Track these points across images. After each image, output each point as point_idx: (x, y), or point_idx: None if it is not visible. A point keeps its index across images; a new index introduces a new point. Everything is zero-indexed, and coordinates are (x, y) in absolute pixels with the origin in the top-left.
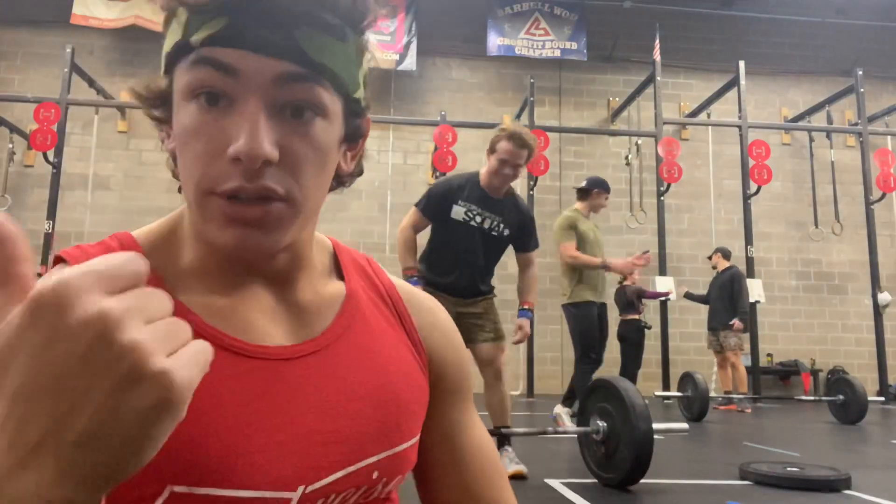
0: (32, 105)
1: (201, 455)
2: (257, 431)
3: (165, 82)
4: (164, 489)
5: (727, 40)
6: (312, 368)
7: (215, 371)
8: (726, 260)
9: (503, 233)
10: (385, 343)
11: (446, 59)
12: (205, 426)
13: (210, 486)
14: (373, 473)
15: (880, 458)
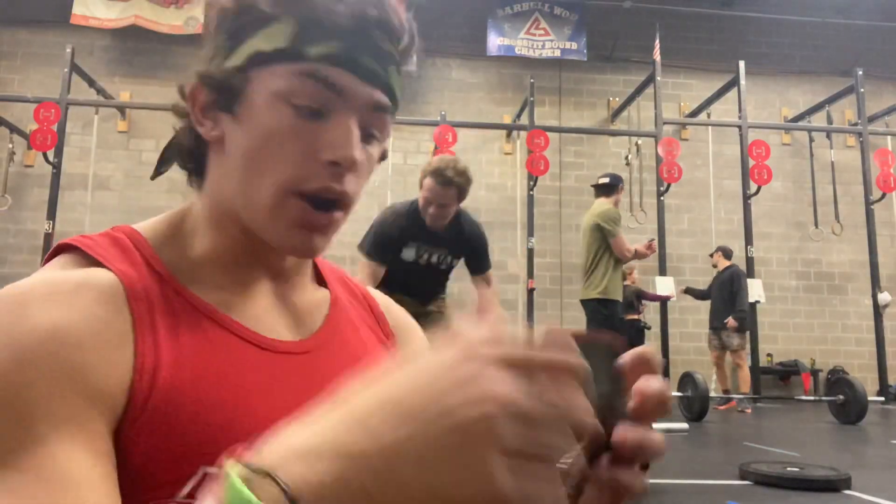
0: (32, 105)
1: (234, 438)
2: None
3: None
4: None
5: (727, 40)
6: (317, 364)
7: (238, 359)
8: (727, 259)
9: (451, 264)
10: (368, 344)
11: (446, 59)
12: (238, 412)
13: None
14: None
15: (880, 458)
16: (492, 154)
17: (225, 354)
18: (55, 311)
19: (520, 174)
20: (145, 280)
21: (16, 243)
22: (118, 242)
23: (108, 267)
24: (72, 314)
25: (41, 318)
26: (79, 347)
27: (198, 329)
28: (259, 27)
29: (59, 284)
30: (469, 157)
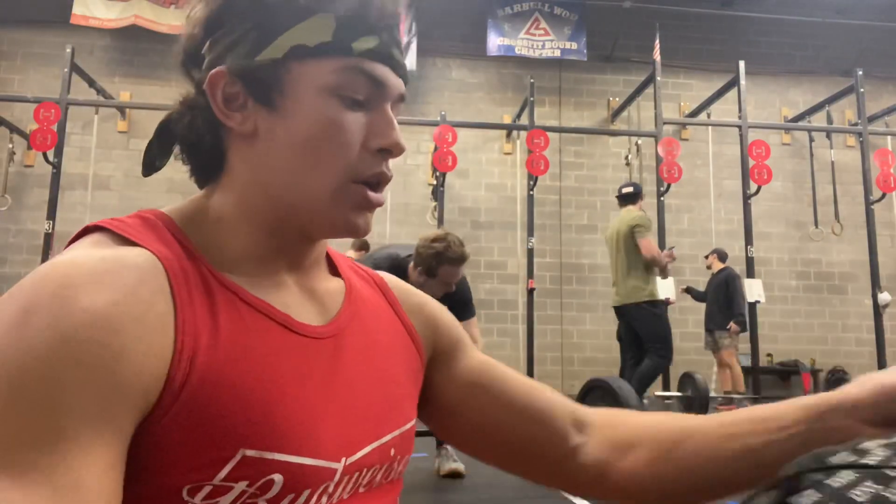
0: (32, 105)
1: (271, 421)
2: (312, 403)
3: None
4: (237, 452)
5: (727, 40)
6: (339, 349)
7: (273, 343)
8: (721, 261)
9: None
10: (385, 329)
11: (446, 59)
12: (273, 394)
13: (277, 452)
14: (391, 450)
15: None
16: (492, 154)
17: (261, 337)
18: (99, 294)
19: (520, 174)
20: (181, 259)
21: (16, 243)
22: (149, 223)
23: (145, 246)
24: (115, 296)
25: (86, 302)
26: (120, 333)
27: (234, 310)
28: (295, 20)
29: (100, 263)
30: (469, 157)
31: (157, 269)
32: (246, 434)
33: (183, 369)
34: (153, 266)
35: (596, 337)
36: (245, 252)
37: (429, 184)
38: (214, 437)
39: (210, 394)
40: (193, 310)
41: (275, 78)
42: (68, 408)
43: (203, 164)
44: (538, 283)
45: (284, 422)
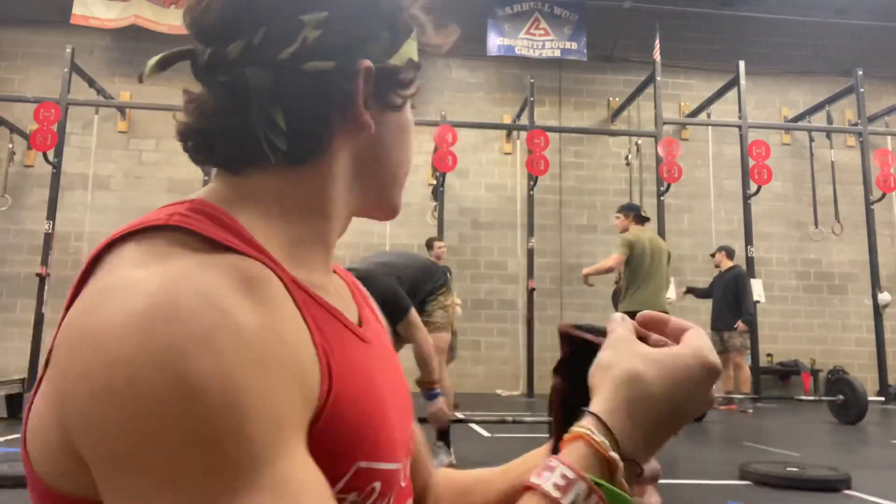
0: (32, 105)
1: (377, 432)
2: (390, 409)
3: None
4: (353, 465)
5: (727, 40)
6: (379, 350)
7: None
8: (730, 259)
9: None
10: (380, 326)
11: (446, 59)
12: (374, 405)
13: (382, 461)
14: (410, 443)
15: (880, 458)
16: (492, 154)
17: (350, 346)
18: (257, 307)
19: (520, 174)
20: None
21: (16, 243)
22: (221, 222)
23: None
24: (270, 309)
25: (247, 316)
26: (290, 344)
27: (324, 320)
28: (407, 34)
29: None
30: (469, 157)
31: (277, 281)
32: (361, 448)
33: (326, 384)
34: (274, 277)
35: None
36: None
37: (429, 184)
38: (339, 452)
39: (341, 408)
40: (312, 322)
41: (402, 82)
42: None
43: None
44: (538, 283)
45: (384, 431)
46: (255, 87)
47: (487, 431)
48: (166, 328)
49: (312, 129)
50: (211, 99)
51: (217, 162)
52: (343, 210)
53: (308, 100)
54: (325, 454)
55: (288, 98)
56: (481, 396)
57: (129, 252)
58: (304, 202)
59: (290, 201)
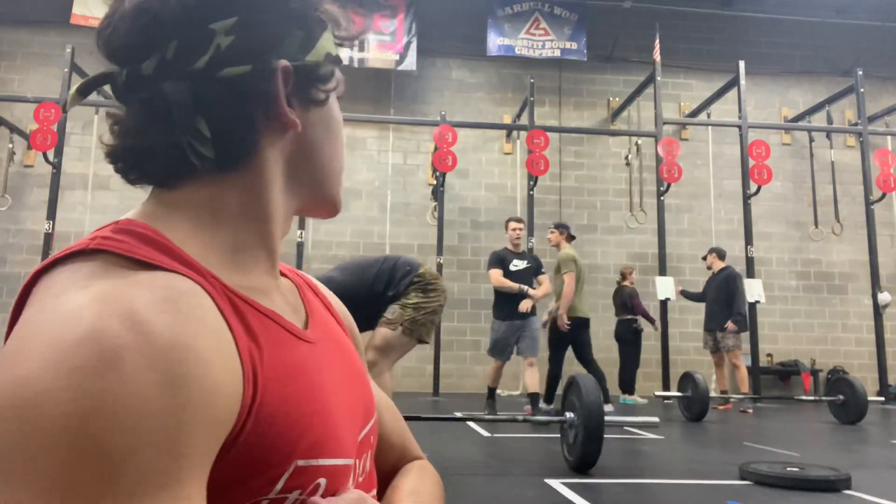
0: (32, 105)
1: (317, 429)
2: (334, 405)
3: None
4: (291, 464)
5: (727, 40)
6: (326, 350)
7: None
8: (721, 260)
9: None
10: (336, 327)
11: (446, 59)
12: (313, 403)
13: (321, 458)
14: (371, 438)
15: (880, 458)
16: (492, 154)
17: (287, 348)
18: (182, 328)
19: (520, 174)
20: (205, 277)
21: (16, 243)
22: (147, 239)
23: (170, 269)
24: (195, 329)
25: (169, 336)
26: (208, 364)
27: (261, 325)
28: (323, 29)
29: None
30: (469, 157)
31: (204, 295)
32: (298, 447)
33: (249, 393)
34: (200, 292)
35: (596, 337)
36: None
37: (429, 184)
38: (274, 452)
39: (269, 412)
40: (242, 331)
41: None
42: (187, 450)
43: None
44: None
45: (323, 427)
46: (175, 101)
47: (487, 431)
48: (79, 350)
49: (237, 133)
50: (133, 118)
51: (149, 179)
52: (281, 211)
53: (229, 105)
54: (257, 457)
55: (209, 106)
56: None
57: (54, 280)
58: (239, 207)
59: (225, 208)
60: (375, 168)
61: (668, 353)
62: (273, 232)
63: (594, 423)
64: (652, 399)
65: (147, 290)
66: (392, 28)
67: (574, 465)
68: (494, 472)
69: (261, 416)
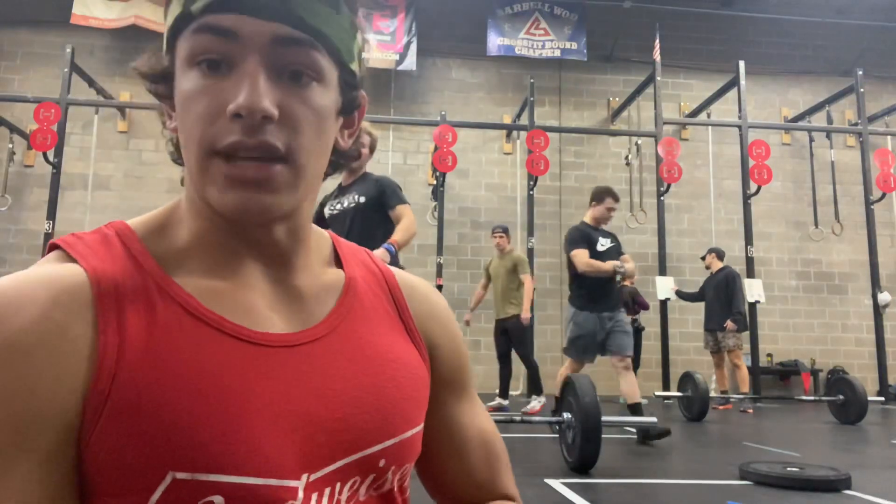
0: (32, 105)
1: (202, 440)
2: (260, 418)
3: (167, 60)
4: (165, 475)
5: (727, 40)
6: (314, 356)
7: (217, 356)
8: (720, 260)
9: (359, 200)
10: (383, 331)
11: (446, 59)
12: (206, 411)
13: (213, 473)
14: (379, 461)
15: (880, 458)
16: (492, 154)
17: (204, 352)
18: (9, 322)
19: (520, 174)
20: (124, 275)
21: (16, 243)
22: (106, 239)
23: (81, 264)
24: (25, 323)
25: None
26: (32, 359)
27: (175, 325)
28: (167, 8)
29: (14, 288)
30: (469, 157)
31: (81, 289)
32: (174, 455)
33: (101, 393)
34: (78, 285)
35: None
36: (204, 247)
37: (429, 184)
38: (141, 459)
39: (133, 416)
40: (122, 329)
41: (166, 70)
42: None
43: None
44: (538, 283)
45: (219, 441)
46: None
47: None
48: None
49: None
50: None
51: None
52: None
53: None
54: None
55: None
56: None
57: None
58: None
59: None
60: (375, 168)
61: (668, 353)
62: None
63: (591, 424)
64: (652, 399)
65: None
66: (392, 28)
67: (574, 465)
68: None
69: (123, 415)
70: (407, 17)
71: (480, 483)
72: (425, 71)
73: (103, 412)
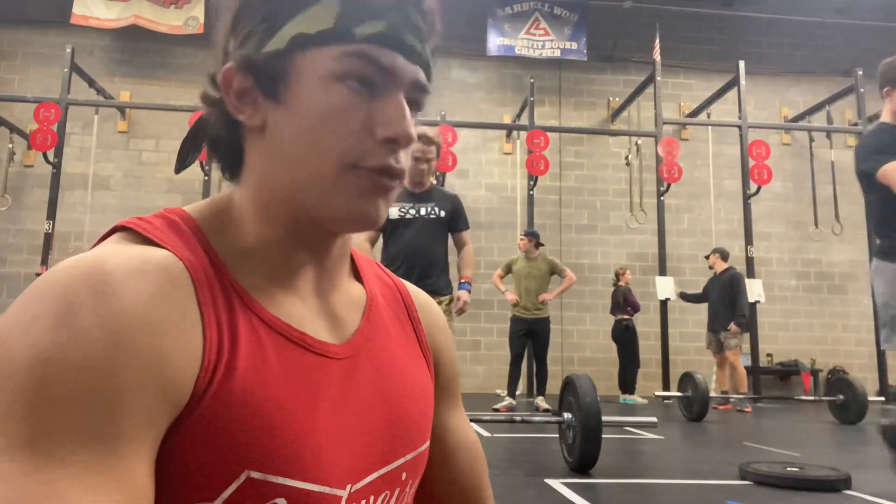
0: (32, 105)
1: (279, 444)
2: (322, 427)
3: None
4: (241, 473)
5: (727, 40)
6: (353, 370)
7: (288, 363)
8: (724, 261)
9: (440, 213)
10: (401, 347)
11: (446, 59)
12: (282, 417)
13: (283, 476)
14: (402, 475)
15: (880, 458)
16: (492, 154)
17: (277, 358)
18: (137, 290)
19: (520, 174)
20: (206, 268)
21: (16, 243)
22: (175, 226)
23: (170, 249)
24: (152, 295)
25: (127, 299)
26: (161, 334)
27: (252, 328)
28: (299, 9)
29: (132, 262)
30: (469, 157)
31: (185, 276)
32: (252, 455)
33: (205, 381)
34: (181, 272)
35: (596, 337)
36: (265, 252)
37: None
38: (222, 455)
39: (222, 411)
40: (219, 322)
41: (279, 69)
42: (126, 409)
43: (226, 162)
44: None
45: (292, 446)
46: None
47: (488, 431)
48: (42, 302)
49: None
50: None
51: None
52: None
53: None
54: (207, 453)
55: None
56: (481, 396)
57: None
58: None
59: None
60: None
61: (668, 353)
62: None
63: (591, 424)
64: (652, 399)
65: (126, 257)
66: None
67: (574, 465)
68: (494, 472)
69: (218, 406)
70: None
71: (465, 489)
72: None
73: (201, 403)
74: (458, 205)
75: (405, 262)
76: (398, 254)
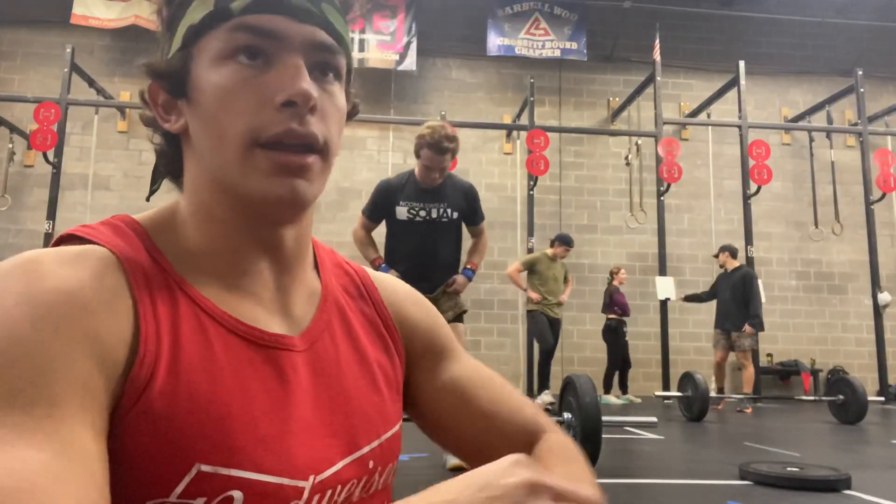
0: (32, 105)
1: (229, 436)
2: (276, 419)
3: (182, 59)
4: (191, 467)
5: (727, 40)
6: (308, 362)
7: (237, 357)
8: (734, 259)
9: (452, 216)
10: (361, 334)
11: (446, 59)
12: (233, 409)
13: (235, 468)
14: (368, 463)
15: (880, 458)
16: (492, 154)
17: (224, 351)
18: (67, 274)
19: (520, 174)
20: (145, 264)
21: (16, 243)
22: (118, 230)
23: (105, 245)
24: (82, 278)
25: (55, 280)
26: (90, 311)
27: (197, 323)
28: (187, 5)
29: (64, 252)
30: (469, 157)
31: (118, 267)
32: (201, 448)
33: (146, 371)
34: (115, 263)
35: (596, 337)
36: (213, 251)
37: None
38: (170, 449)
39: (167, 405)
40: (156, 315)
41: (182, 67)
42: (57, 376)
43: (172, 174)
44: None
45: (244, 437)
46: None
47: None
48: None
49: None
50: None
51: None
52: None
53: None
54: (156, 448)
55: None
56: None
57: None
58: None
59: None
60: (375, 168)
61: (668, 353)
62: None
63: (591, 424)
64: (652, 399)
65: (62, 251)
66: (392, 28)
67: None
68: None
69: (159, 402)
70: (407, 17)
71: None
72: (425, 71)
73: (144, 394)
74: (473, 198)
75: (413, 265)
76: (405, 257)
